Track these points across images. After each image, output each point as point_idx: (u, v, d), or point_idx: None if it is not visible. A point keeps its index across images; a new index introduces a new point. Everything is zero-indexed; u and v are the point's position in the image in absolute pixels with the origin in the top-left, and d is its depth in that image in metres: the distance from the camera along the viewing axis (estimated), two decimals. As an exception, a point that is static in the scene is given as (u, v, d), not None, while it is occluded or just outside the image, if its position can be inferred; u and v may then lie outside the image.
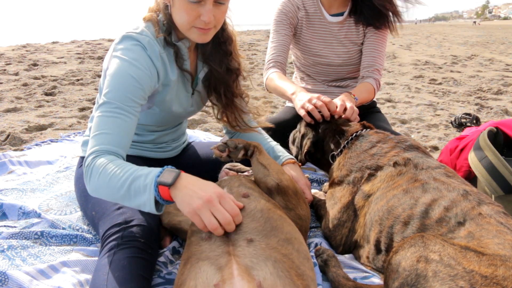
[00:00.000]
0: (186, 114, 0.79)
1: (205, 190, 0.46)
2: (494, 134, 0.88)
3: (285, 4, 1.00)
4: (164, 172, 0.50)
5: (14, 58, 3.23)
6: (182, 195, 0.47)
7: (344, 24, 1.00)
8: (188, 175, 0.51)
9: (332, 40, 1.02)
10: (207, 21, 0.61)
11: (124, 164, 0.53)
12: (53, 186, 0.91)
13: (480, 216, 0.51)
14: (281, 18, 1.00)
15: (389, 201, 0.60)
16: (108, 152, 0.56)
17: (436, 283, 0.40)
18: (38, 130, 1.50)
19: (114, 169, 0.52)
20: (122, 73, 0.60)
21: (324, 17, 1.00)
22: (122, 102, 0.59)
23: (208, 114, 1.82)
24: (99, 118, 0.58)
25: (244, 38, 5.55)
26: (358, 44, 1.02)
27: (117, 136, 0.57)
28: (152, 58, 0.63)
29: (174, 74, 0.69)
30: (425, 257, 0.43)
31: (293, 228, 0.53)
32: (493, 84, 2.76)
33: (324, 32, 1.02)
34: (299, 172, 0.76)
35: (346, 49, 1.02)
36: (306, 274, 0.46)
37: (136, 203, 0.51)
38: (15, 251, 0.63)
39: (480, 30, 12.13)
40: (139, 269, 0.52)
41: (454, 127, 1.68)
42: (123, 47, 0.62)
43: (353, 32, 1.01)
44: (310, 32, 1.02)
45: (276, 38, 1.00)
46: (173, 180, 0.48)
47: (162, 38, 0.66)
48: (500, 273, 0.40)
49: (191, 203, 0.46)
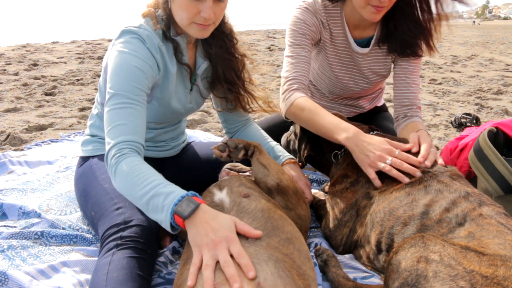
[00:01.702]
0: (185, 111, 0.78)
1: (216, 232, 0.45)
2: (494, 134, 0.88)
3: (307, 16, 0.81)
4: (183, 200, 0.49)
5: (14, 58, 3.23)
6: (195, 232, 0.47)
7: (369, 55, 0.87)
8: (207, 208, 0.49)
9: (355, 70, 0.89)
10: (207, 17, 0.62)
11: (148, 173, 0.53)
12: (53, 186, 0.91)
13: (481, 217, 0.51)
14: (303, 30, 0.81)
15: (391, 202, 0.60)
16: (128, 143, 0.56)
17: (437, 283, 0.40)
18: (38, 130, 1.50)
19: (137, 178, 0.53)
20: (125, 64, 0.61)
21: (349, 44, 0.85)
22: (130, 92, 0.59)
23: (208, 114, 1.82)
24: (110, 112, 0.58)
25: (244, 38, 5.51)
26: (382, 75, 0.90)
27: (133, 125, 0.58)
28: (151, 50, 0.64)
29: (174, 68, 0.69)
30: (425, 257, 0.42)
31: (293, 228, 0.53)
32: (493, 84, 2.75)
33: (348, 60, 0.88)
34: (299, 172, 0.76)
35: (367, 80, 0.91)
36: (307, 274, 0.46)
37: (152, 217, 0.53)
38: (15, 251, 0.63)
39: (480, 30, 12.14)
40: (138, 269, 0.52)
41: (454, 127, 1.67)
42: (122, 40, 0.63)
43: (379, 63, 0.88)
44: (332, 55, 0.87)
45: (296, 52, 0.80)
46: (189, 214, 0.47)
47: (161, 32, 0.66)
48: (500, 273, 0.40)
49: (199, 241, 0.45)
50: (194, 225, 0.47)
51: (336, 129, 0.68)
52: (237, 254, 0.43)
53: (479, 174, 0.83)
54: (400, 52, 0.83)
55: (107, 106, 0.59)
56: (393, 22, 0.82)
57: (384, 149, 0.63)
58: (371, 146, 0.63)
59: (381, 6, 0.74)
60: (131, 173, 0.54)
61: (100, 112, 0.76)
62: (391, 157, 0.61)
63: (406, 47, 0.82)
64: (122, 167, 0.54)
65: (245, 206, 0.53)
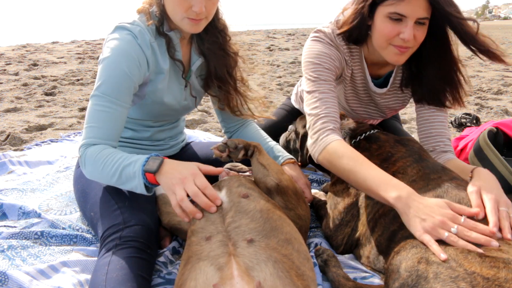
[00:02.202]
0: (181, 108, 0.78)
1: (181, 172, 0.52)
2: (494, 134, 0.88)
3: (333, 51, 0.73)
4: (149, 160, 0.56)
5: (14, 58, 3.23)
6: (165, 179, 0.53)
7: (386, 94, 0.81)
8: (171, 160, 0.56)
9: (371, 106, 0.85)
10: (198, 11, 0.63)
11: (114, 153, 0.59)
12: (53, 186, 0.91)
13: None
14: (328, 65, 0.72)
15: None
16: (94, 145, 0.60)
17: (437, 284, 0.39)
18: (38, 130, 1.50)
19: (105, 159, 0.58)
20: (112, 66, 0.63)
21: (367, 83, 0.79)
22: (112, 96, 0.62)
23: (209, 114, 1.82)
24: (90, 110, 0.62)
25: (244, 38, 5.54)
26: (397, 109, 0.85)
27: (106, 130, 0.61)
28: (142, 47, 0.65)
29: (166, 64, 0.69)
30: (426, 259, 0.42)
31: (292, 228, 0.54)
32: (493, 84, 2.76)
33: (365, 98, 0.83)
34: (298, 172, 0.76)
35: (383, 114, 0.87)
36: (306, 274, 0.46)
37: (128, 187, 0.58)
38: (15, 251, 0.63)
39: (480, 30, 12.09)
40: (138, 269, 0.52)
41: (454, 127, 1.67)
42: (114, 37, 0.65)
43: (397, 102, 0.82)
44: (350, 91, 0.82)
45: (323, 88, 0.70)
46: (157, 168, 0.54)
47: (154, 28, 0.67)
48: (502, 275, 0.39)
49: (170, 185, 0.52)
50: (163, 175, 0.53)
51: (384, 186, 0.55)
52: (202, 186, 0.51)
53: (479, 174, 0.83)
54: (425, 101, 0.73)
55: (90, 102, 0.63)
56: (416, 64, 0.73)
57: (447, 214, 0.49)
58: (430, 209, 0.50)
59: (405, 47, 0.65)
60: (98, 157, 0.58)
61: None
62: (456, 225, 0.48)
63: (433, 95, 0.72)
64: (89, 156, 0.59)
65: (244, 206, 0.53)
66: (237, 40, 0.78)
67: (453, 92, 0.72)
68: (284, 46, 4.52)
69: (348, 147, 0.65)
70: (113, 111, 0.61)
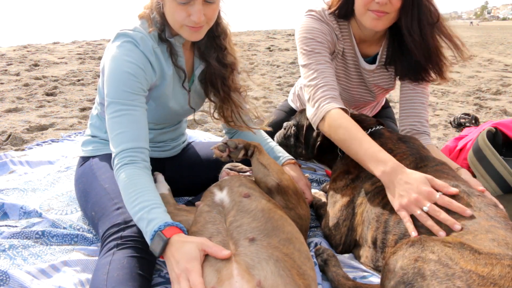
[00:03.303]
0: (184, 112, 0.79)
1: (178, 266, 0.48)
2: (493, 134, 0.89)
3: (323, 26, 0.77)
4: (155, 237, 0.52)
5: (15, 59, 3.22)
6: (167, 264, 0.51)
7: (375, 72, 0.84)
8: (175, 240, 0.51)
9: (362, 85, 0.88)
10: (197, 21, 0.63)
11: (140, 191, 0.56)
12: (54, 186, 0.92)
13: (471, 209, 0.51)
14: (321, 38, 0.75)
15: (384, 197, 0.60)
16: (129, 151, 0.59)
17: (434, 281, 0.40)
18: (39, 130, 1.51)
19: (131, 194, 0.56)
20: (116, 70, 0.62)
21: (357, 59, 0.83)
22: (124, 99, 0.61)
23: (209, 114, 1.82)
24: (110, 121, 0.61)
25: (244, 38, 5.54)
26: (386, 89, 0.88)
27: (132, 132, 0.60)
28: (145, 53, 0.65)
29: (170, 69, 0.70)
30: (422, 257, 0.43)
31: (293, 228, 0.54)
32: (492, 84, 2.76)
33: (355, 75, 0.86)
34: (299, 172, 0.76)
35: (372, 93, 0.90)
36: (307, 273, 0.47)
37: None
38: (16, 251, 0.63)
39: (479, 31, 12.15)
40: (138, 268, 0.53)
41: (453, 127, 1.68)
42: (116, 44, 0.64)
43: (385, 80, 0.86)
44: (341, 68, 0.85)
45: (318, 59, 0.73)
46: (160, 252, 0.51)
47: (156, 34, 0.67)
48: (496, 272, 0.40)
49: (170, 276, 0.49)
50: (166, 259, 0.51)
51: (372, 160, 0.60)
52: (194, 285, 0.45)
53: (478, 174, 0.84)
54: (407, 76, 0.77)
55: (107, 115, 0.62)
56: (398, 41, 0.76)
57: (423, 192, 0.53)
58: (408, 186, 0.53)
59: (381, 11, 0.69)
60: (127, 187, 0.57)
61: (100, 112, 0.76)
62: (429, 203, 0.51)
63: (413, 71, 0.76)
64: (121, 177, 0.58)
65: (245, 206, 0.53)
66: (237, 41, 0.77)
67: (435, 67, 0.75)
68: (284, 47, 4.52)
69: (346, 117, 0.67)
70: (131, 112, 0.60)
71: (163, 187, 0.73)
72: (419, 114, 0.77)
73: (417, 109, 0.77)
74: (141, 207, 0.55)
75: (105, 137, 0.75)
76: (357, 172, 0.67)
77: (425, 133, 0.76)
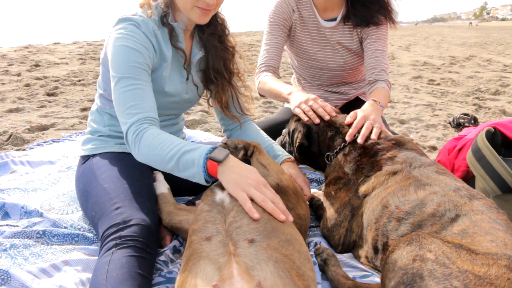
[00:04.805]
0: (181, 101, 0.78)
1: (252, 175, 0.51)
2: (492, 134, 0.89)
3: (279, 5, 0.96)
4: (215, 149, 0.55)
5: (16, 59, 3.22)
6: (230, 174, 0.51)
7: (336, 29, 0.97)
8: (235, 158, 0.55)
9: (326, 44, 0.98)
10: (211, 3, 0.66)
11: (173, 138, 0.58)
12: (55, 185, 0.92)
13: (473, 212, 0.51)
14: (275, 19, 0.96)
15: (383, 199, 0.61)
16: (145, 119, 0.60)
17: (432, 281, 0.40)
18: (40, 130, 1.51)
19: (162, 142, 0.57)
20: (122, 48, 0.64)
21: (318, 21, 0.97)
22: (133, 73, 0.63)
23: (209, 114, 1.83)
24: (121, 96, 0.62)
25: (244, 39, 5.57)
26: (352, 50, 0.98)
27: (145, 103, 0.62)
28: (146, 34, 0.67)
29: (169, 52, 0.71)
30: (420, 256, 0.43)
31: (294, 229, 0.54)
32: (491, 84, 2.76)
33: (318, 36, 0.98)
34: (297, 170, 0.77)
35: (340, 54, 0.99)
36: (307, 274, 0.47)
37: (184, 175, 0.57)
38: (17, 250, 0.63)
39: (478, 31, 12.18)
40: (138, 268, 0.53)
41: (452, 127, 1.69)
42: (118, 27, 0.66)
43: (347, 37, 0.97)
44: (304, 35, 0.99)
45: (269, 40, 0.96)
46: (223, 158, 0.52)
47: (157, 18, 0.70)
48: (493, 273, 0.40)
49: (240, 182, 0.50)
50: (228, 168, 0.51)
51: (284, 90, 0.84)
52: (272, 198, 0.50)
53: (477, 174, 0.84)
54: (361, 24, 0.93)
55: (115, 91, 0.62)
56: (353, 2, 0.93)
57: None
58: None
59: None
60: (155, 141, 0.57)
61: (99, 106, 0.76)
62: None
63: (365, 19, 0.92)
64: (146, 138, 0.58)
65: None
66: (237, 41, 0.80)
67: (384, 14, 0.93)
68: (284, 47, 4.50)
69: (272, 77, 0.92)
70: (141, 87, 0.61)
71: (163, 187, 0.73)
72: (374, 67, 0.91)
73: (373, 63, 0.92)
74: (182, 145, 0.56)
75: (105, 133, 0.75)
76: (347, 177, 0.68)
77: (379, 80, 0.90)
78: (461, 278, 0.40)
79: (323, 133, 0.76)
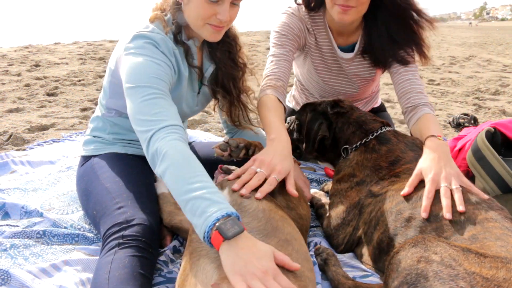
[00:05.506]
0: (191, 113, 0.79)
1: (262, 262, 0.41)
2: (492, 134, 0.89)
3: (291, 20, 0.83)
4: (229, 219, 0.44)
5: (17, 59, 3.22)
6: (234, 257, 0.42)
7: (353, 61, 0.87)
8: (249, 236, 0.45)
9: (342, 75, 0.90)
10: (224, 20, 0.62)
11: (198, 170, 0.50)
12: (55, 185, 0.92)
13: (486, 220, 0.51)
14: (288, 32, 0.82)
15: (399, 204, 0.60)
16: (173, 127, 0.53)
17: (437, 282, 0.40)
18: (40, 130, 1.51)
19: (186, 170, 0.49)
20: (144, 62, 0.59)
21: (334, 49, 0.86)
22: (156, 84, 0.58)
23: (209, 114, 1.83)
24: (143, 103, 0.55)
25: (244, 39, 5.54)
26: (367, 79, 0.90)
27: (170, 112, 0.56)
28: (166, 54, 0.63)
29: (186, 71, 0.69)
30: (425, 258, 0.42)
31: (294, 229, 0.54)
32: (490, 84, 2.76)
33: (334, 65, 0.88)
34: (298, 170, 0.77)
35: (355, 84, 0.91)
36: (305, 275, 0.46)
37: (188, 217, 0.48)
38: (17, 250, 0.64)
39: (478, 31, 12.19)
40: (140, 268, 0.52)
41: (452, 127, 1.68)
42: (135, 45, 0.61)
43: (365, 69, 0.88)
44: (318, 60, 0.88)
45: (278, 52, 0.81)
46: (232, 235, 0.42)
47: (172, 36, 0.66)
48: (501, 276, 0.39)
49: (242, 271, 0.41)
50: (234, 249, 0.42)
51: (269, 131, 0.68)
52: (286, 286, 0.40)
53: (477, 174, 0.84)
54: (380, 64, 0.82)
55: (134, 100, 0.56)
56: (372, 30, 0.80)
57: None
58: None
59: (347, 6, 0.72)
60: (180, 163, 0.49)
61: (104, 113, 0.76)
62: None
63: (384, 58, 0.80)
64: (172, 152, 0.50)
65: (246, 206, 0.54)
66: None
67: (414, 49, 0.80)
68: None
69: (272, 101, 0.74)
70: (164, 97, 0.56)
71: (163, 187, 0.73)
72: (408, 91, 0.78)
73: (406, 87, 0.79)
74: (203, 186, 0.47)
75: (107, 138, 0.75)
76: (363, 176, 0.66)
77: (420, 105, 0.75)
78: (468, 280, 0.39)
79: (345, 127, 0.73)
